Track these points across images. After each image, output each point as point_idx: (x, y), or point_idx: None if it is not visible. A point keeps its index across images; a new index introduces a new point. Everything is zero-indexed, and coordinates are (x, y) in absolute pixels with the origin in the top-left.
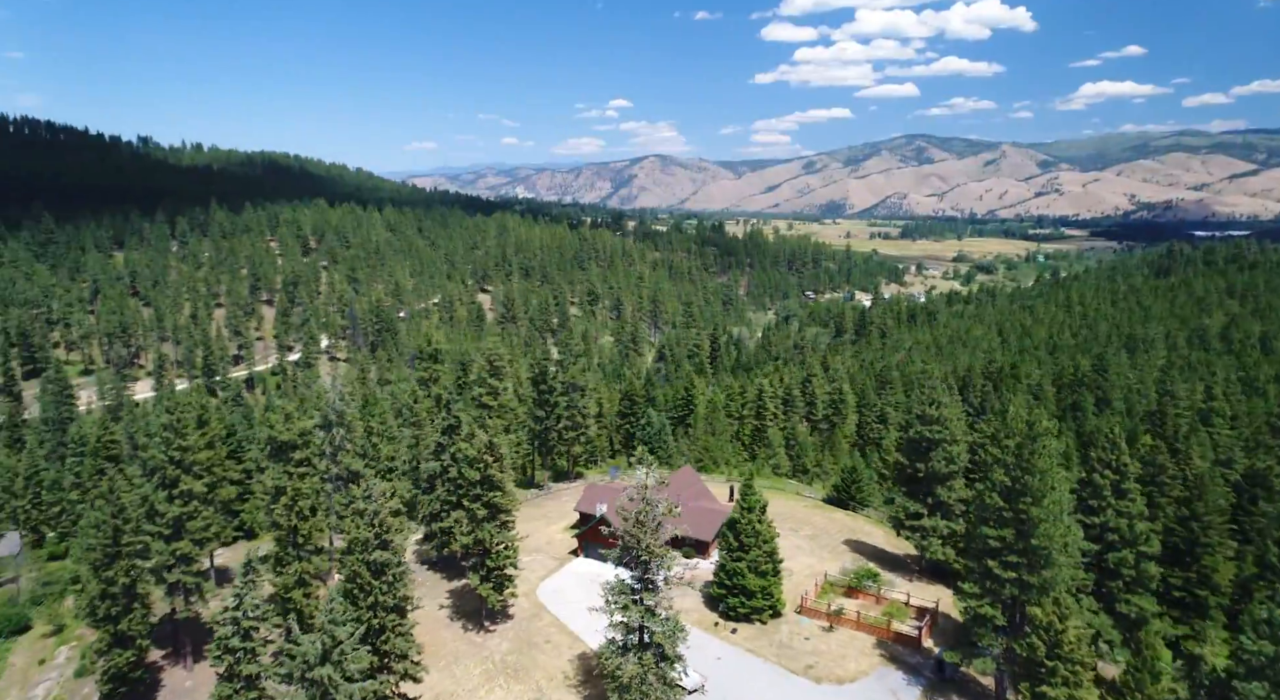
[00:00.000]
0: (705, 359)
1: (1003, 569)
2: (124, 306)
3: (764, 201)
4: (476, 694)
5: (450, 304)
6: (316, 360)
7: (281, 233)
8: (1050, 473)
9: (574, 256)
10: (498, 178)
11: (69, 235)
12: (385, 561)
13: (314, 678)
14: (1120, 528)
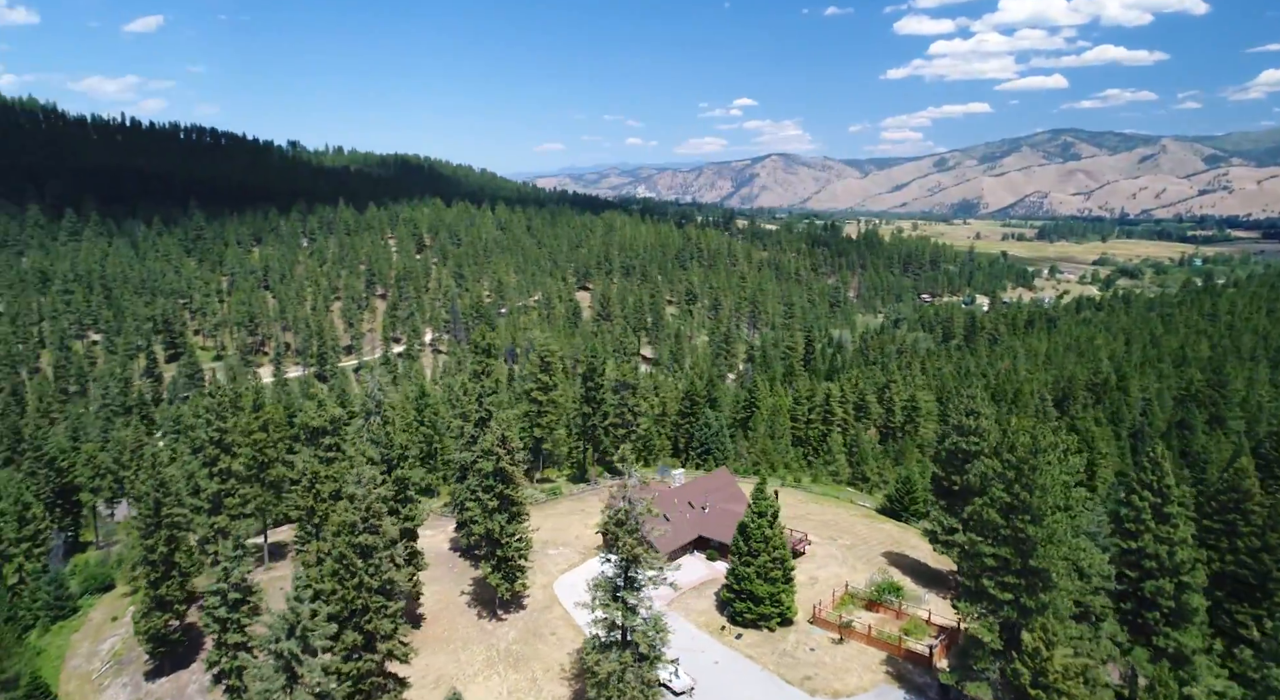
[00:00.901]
0: (798, 361)
1: (999, 590)
2: (253, 298)
3: (890, 201)
4: (475, 679)
5: (549, 301)
6: (420, 353)
7: (399, 231)
8: (1054, 490)
9: (676, 255)
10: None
11: (215, 232)
12: (372, 544)
13: (279, 650)
14: (1159, 554)
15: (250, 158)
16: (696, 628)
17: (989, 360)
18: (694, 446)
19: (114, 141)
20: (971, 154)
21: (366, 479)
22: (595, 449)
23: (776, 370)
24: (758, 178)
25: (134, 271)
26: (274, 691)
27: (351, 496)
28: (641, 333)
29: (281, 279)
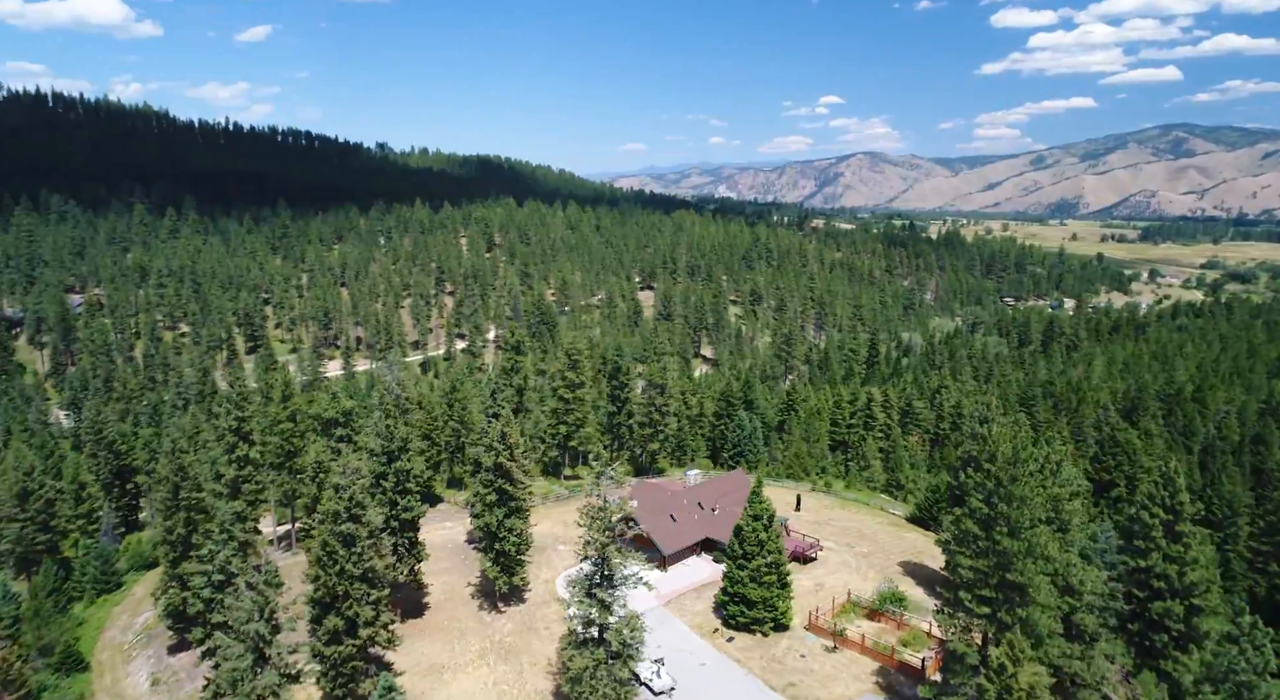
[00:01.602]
0: (860, 364)
1: (976, 603)
2: (328, 294)
3: (982, 200)
4: (465, 669)
5: (612, 300)
6: (483, 349)
7: (471, 230)
8: (1034, 502)
9: (744, 256)
10: (701, 177)
11: (300, 230)
12: (354, 533)
13: (247, 631)
14: (1169, 574)
15: (340, 159)
16: (689, 628)
17: (1063, 367)
18: (727, 448)
19: (217, 145)
20: (1072, 151)
21: (350, 470)
22: (621, 447)
23: (836, 373)
24: (842, 177)
25: (222, 267)
26: (242, 670)
27: (336, 486)
28: (702, 333)
29: (357, 276)
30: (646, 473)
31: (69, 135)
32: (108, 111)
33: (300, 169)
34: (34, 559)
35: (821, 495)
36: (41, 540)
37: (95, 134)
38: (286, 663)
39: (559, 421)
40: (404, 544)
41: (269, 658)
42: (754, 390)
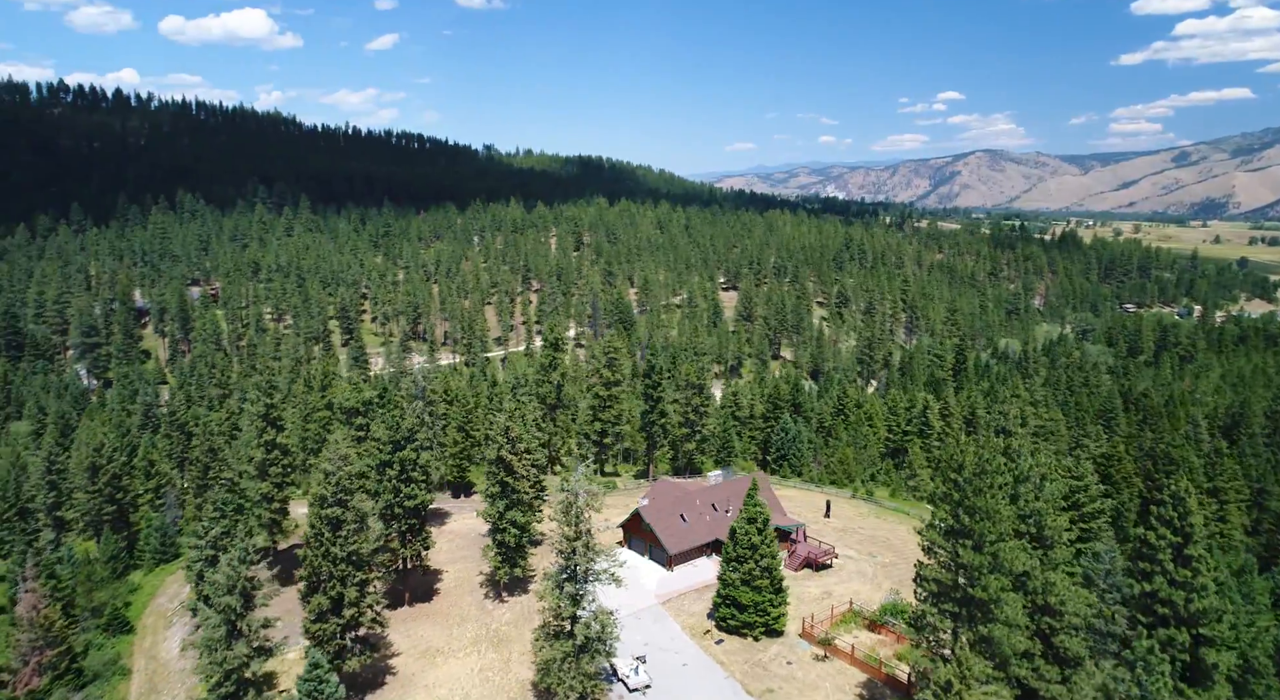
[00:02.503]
0: (946, 371)
1: (939, 618)
2: (419, 290)
3: (1114, 200)
4: (456, 654)
5: (692, 300)
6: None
7: (560, 229)
8: (1002, 515)
9: (834, 256)
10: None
11: (401, 228)
12: (340, 517)
13: (222, 604)
14: (1173, 600)
15: (446, 161)
16: (681, 629)
17: (1171, 379)
18: (771, 452)
19: (336, 148)
20: (1222, 146)
21: (338, 456)
22: (654, 446)
23: (918, 379)
24: (958, 175)
25: (325, 264)
26: (216, 641)
27: (325, 472)
28: (783, 335)
29: (448, 273)
30: (684, 472)
31: (207, 141)
32: (242, 118)
33: (408, 170)
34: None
35: (861, 503)
36: (109, 511)
37: (230, 139)
38: (260, 636)
39: (594, 418)
40: (407, 530)
41: (241, 631)
42: (802, 393)
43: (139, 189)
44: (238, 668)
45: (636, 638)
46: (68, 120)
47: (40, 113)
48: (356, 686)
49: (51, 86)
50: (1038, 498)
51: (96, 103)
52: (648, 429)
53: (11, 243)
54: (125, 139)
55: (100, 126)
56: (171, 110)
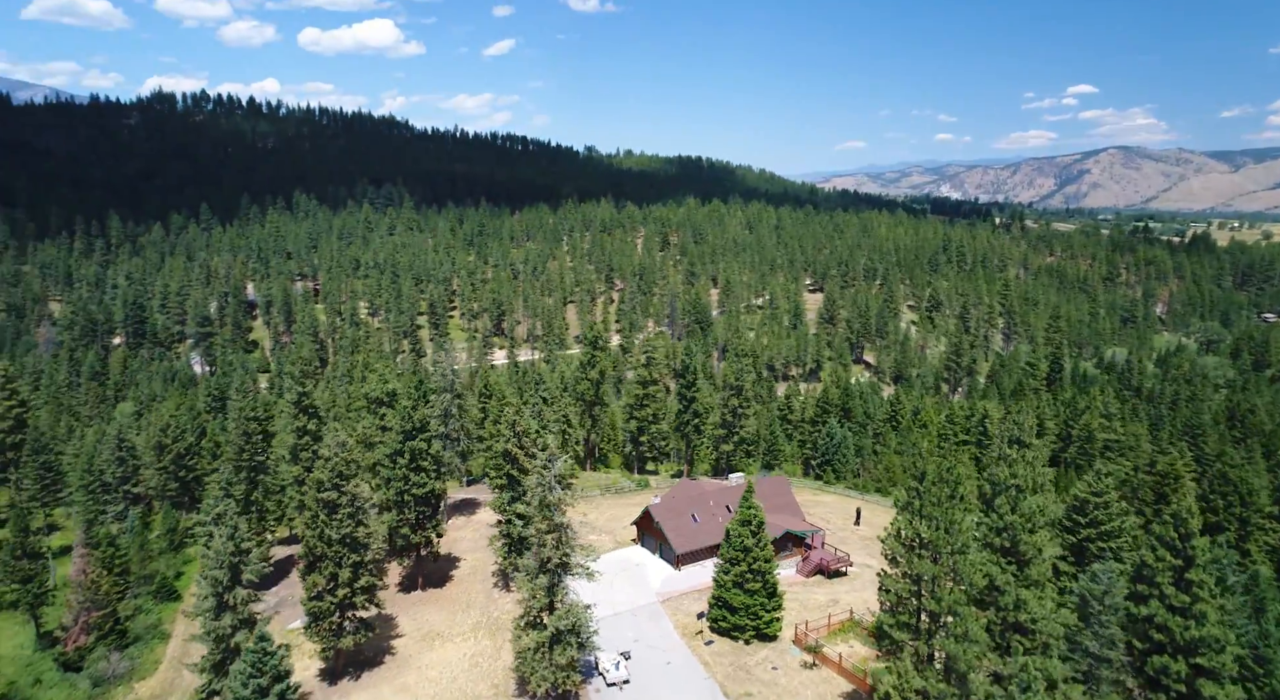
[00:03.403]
0: (1039, 380)
1: (898, 630)
2: (504, 288)
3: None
4: (454, 639)
5: (774, 302)
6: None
7: (647, 228)
8: (960, 527)
9: (930, 258)
10: (923, 176)
11: (495, 227)
12: (335, 501)
13: (212, 578)
14: (1170, 627)
15: (547, 162)
16: (673, 628)
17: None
18: (816, 456)
19: (444, 150)
20: None
21: (337, 443)
22: (689, 446)
23: (1006, 388)
24: (1088, 174)
25: (419, 261)
26: (206, 611)
27: (324, 458)
28: (867, 339)
29: (534, 272)
30: (721, 473)
31: (326, 144)
32: (359, 122)
33: (508, 171)
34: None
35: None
36: (173, 487)
37: (348, 142)
38: (245, 610)
39: (630, 416)
40: (417, 518)
41: (228, 603)
42: (853, 399)
43: (262, 190)
44: (225, 637)
45: (628, 634)
46: (207, 127)
47: (184, 120)
48: (356, 664)
49: (195, 96)
50: (1013, 510)
51: (232, 110)
52: (681, 428)
53: (148, 239)
54: (255, 144)
55: (234, 132)
56: (297, 116)
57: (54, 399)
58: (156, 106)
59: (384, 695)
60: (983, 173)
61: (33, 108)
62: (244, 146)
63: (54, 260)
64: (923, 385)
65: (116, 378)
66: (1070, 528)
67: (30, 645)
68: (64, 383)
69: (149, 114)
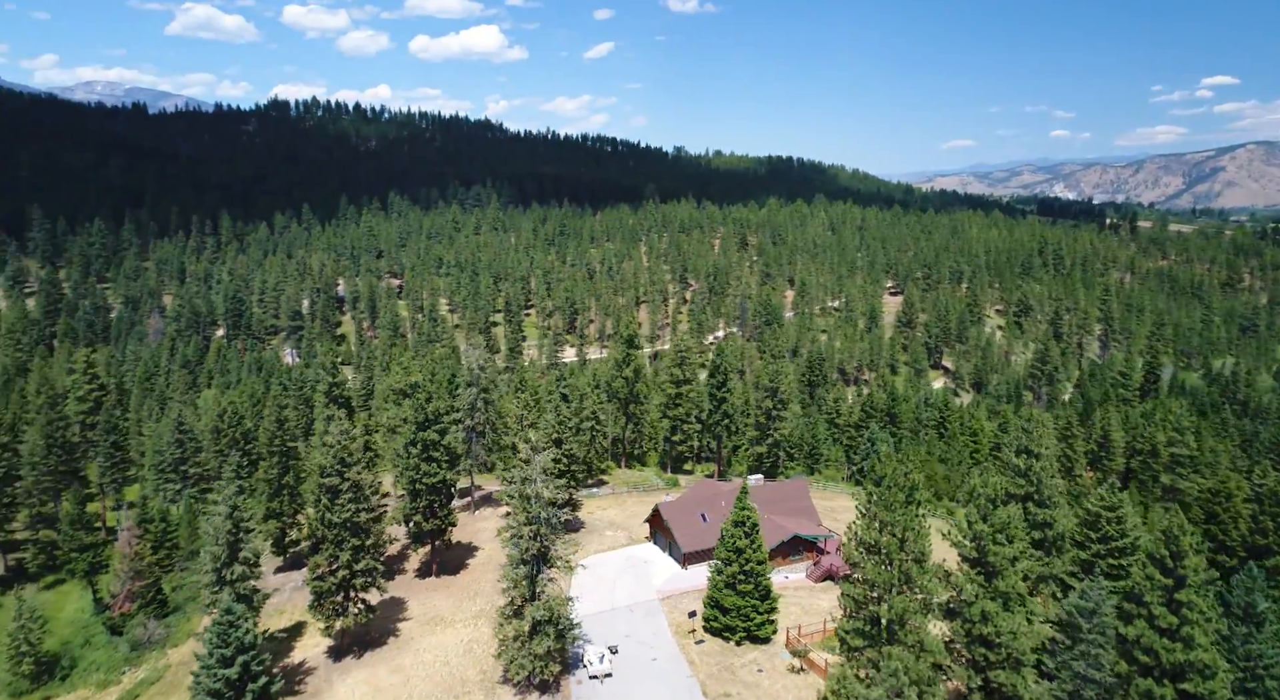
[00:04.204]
0: (1131, 391)
1: (853, 637)
2: (577, 287)
3: None
4: (455, 624)
5: (850, 305)
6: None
7: (726, 229)
8: (915, 533)
9: (1024, 261)
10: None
11: (576, 227)
12: (337, 486)
13: (212, 553)
14: (1155, 649)
15: (635, 163)
16: (667, 625)
17: None
18: (855, 461)
19: (535, 152)
20: None
21: (340, 431)
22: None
23: (1092, 397)
24: (1222, 171)
25: (498, 260)
26: (205, 584)
27: (329, 445)
28: (947, 344)
29: (609, 271)
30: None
31: (424, 147)
32: (456, 125)
33: (594, 172)
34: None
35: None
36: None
37: (444, 145)
38: (245, 586)
39: (663, 415)
40: (428, 506)
41: (225, 578)
42: (899, 403)
43: (360, 191)
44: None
45: (621, 629)
46: (315, 132)
47: (296, 125)
48: (361, 643)
49: (306, 103)
50: (984, 520)
51: (339, 115)
52: (712, 429)
53: (254, 238)
54: (357, 147)
55: (339, 136)
56: (398, 120)
57: (145, 384)
58: (272, 113)
59: (379, 674)
60: (1101, 171)
61: (165, 116)
62: (347, 149)
63: (170, 257)
64: (1005, 393)
65: (210, 366)
66: (1081, 543)
67: (89, 609)
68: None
69: (265, 120)
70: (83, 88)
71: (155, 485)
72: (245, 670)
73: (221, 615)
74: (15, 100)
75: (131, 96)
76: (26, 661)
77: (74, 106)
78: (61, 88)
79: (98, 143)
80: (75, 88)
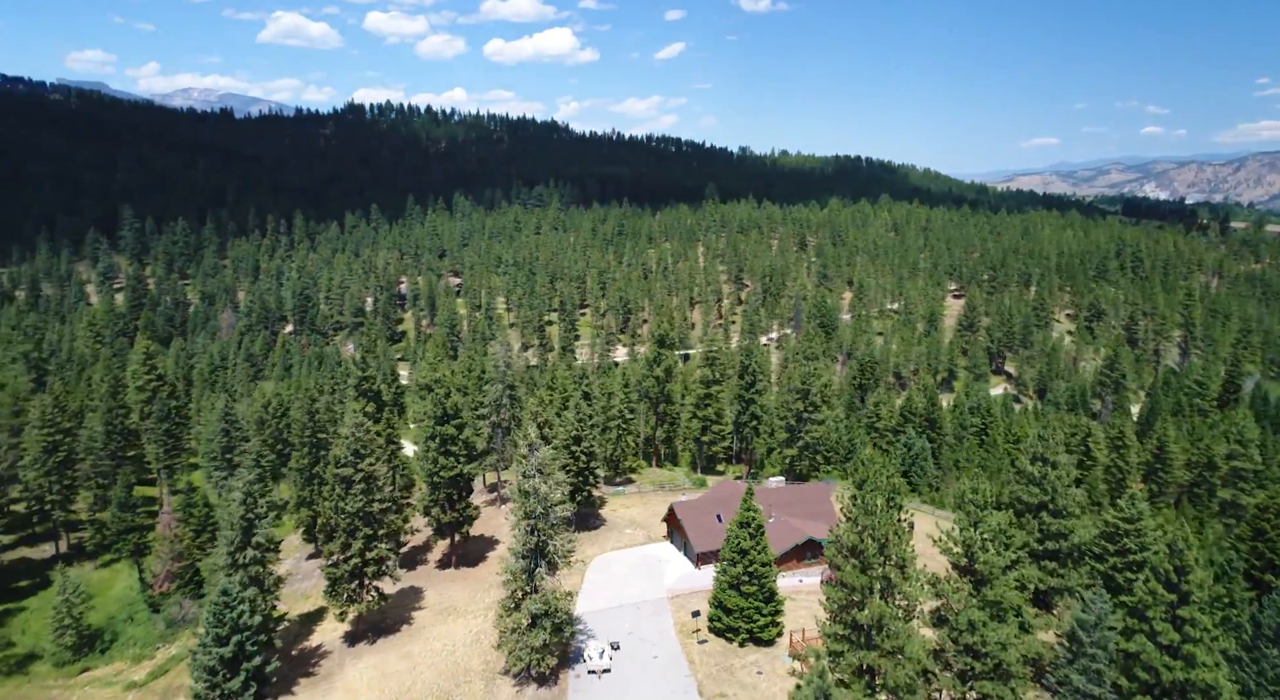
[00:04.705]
0: (1208, 401)
1: (834, 641)
2: (630, 287)
3: None
4: (466, 615)
5: (909, 307)
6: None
7: (785, 229)
8: (894, 539)
9: (1099, 263)
10: (1123, 174)
11: (634, 226)
12: (350, 476)
13: (225, 537)
14: (1156, 666)
15: (699, 163)
16: (673, 624)
17: None
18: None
19: (599, 152)
20: None
21: (355, 424)
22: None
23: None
24: None
25: (555, 260)
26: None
27: (343, 437)
28: (1010, 349)
29: (664, 271)
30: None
31: (491, 148)
32: (523, 127)
33: (657, 172)
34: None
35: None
36: (269, 458)
37: (510, 146)
38: (257, 570)
39: (692, 415)
40: (446, 499)
41: (239, 562)
42: (939, 409)
43: (427, 191)
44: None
45: (625, 626)
46: (387, 134)
47: (370, 128)
48: (376, 630)
49: (380, 106)
50: (973, 526)
51: (410, 118)
52: (739, 430)
53: (325, 237)
54: (428, 149)
55: (411, 138)
56: (467, 122)
57: (210, 377)
58: (348, 117)
59: (389, 660)
60: (1197, 170)
61: (249, 121)
62: (418, 151)
63: (245, 254)
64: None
65: (274, 360)
66: (1100, 555)
67: (136, 588)
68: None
69: (341, 123)
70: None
71: (206, 472)
72: (240, 649)
73: (219, 596)
74: (117, 108)
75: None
76: (69, 634)
77: (167, 112)
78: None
79: (187, 146)
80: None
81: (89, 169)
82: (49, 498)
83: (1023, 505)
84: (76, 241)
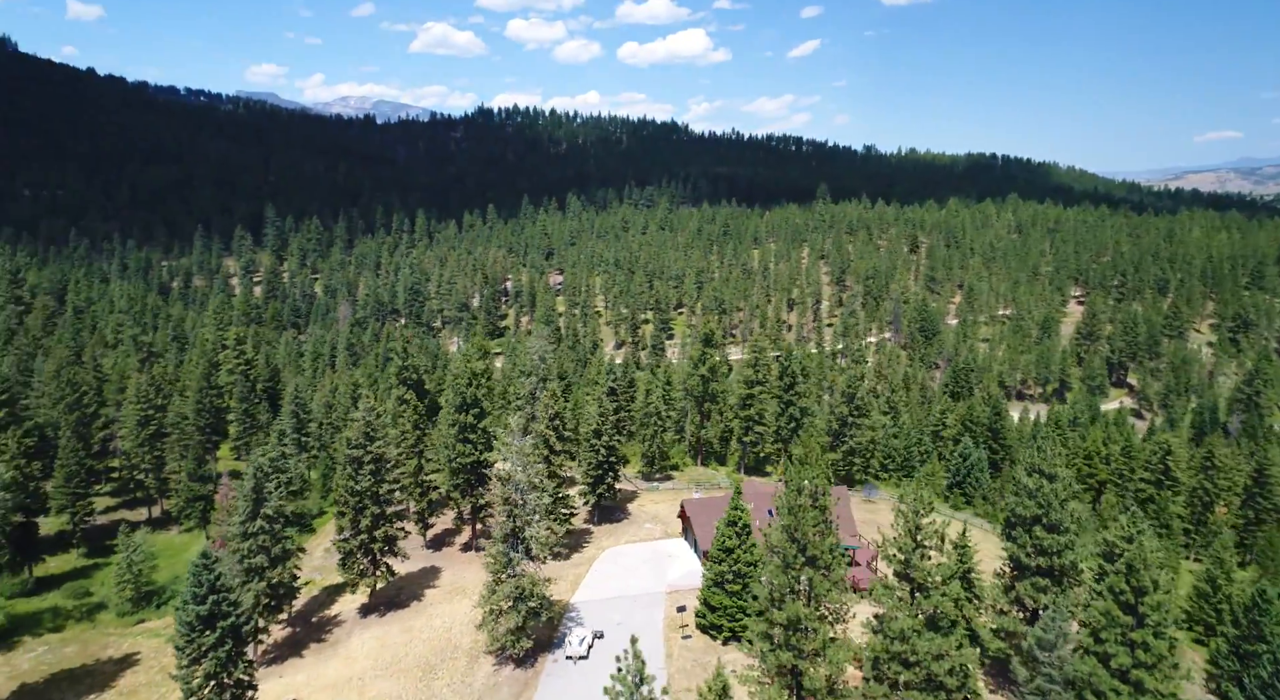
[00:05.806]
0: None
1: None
2: (727, 288)
3: None
4: (471, 596)
5: (1021, 314)
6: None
7: (895, 230)
8: (816, 546)
9: (1254, 269)
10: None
11: (738, 227)
12: (360, 457)
13: (244, 495)
14: (1105, 690)
15: (816, 162)
16: (661, 618)
17: None
18: (949, 477)
19: (717, 153)
20: None
21: (368, 408)
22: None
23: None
24: None
25: (655, 259)
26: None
27: (356, 420)
28: (1135, 360)
29: (764, 271)
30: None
31: (609, 150)
32: (642, 128)
33: (772, 172)
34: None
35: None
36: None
37: (629, 147)
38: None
39: (735, 415)
40: (464, 485)
41: (249, 532)
42: (1003, 419)
43: (543, 192)
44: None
45: (616, 617)
46: (514, 137)
47: (497, 131)
48: (389, 604)
49: (508, 110)
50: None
51: (535, 121)
52: (778, 433)
53: (443, 235)
54: (549, 150)
55: (534, 141)
56: (589, 124)
57: (312, 364)
58: (478, 120)
59: (391, 632)
60: None
61: (388, 125)
62: (540, 153)
63: (369, 251)
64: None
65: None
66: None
67: None
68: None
69: (471, 127)
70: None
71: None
72: (216, 607)
73: (199, 559)
74: (276, 116)
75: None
76: (129, 588)
77: (319, 118)
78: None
79: (332, 150)
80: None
81: (246, 171)
82: (142, 466)
83: (1016, 519)
84: (227, 237)
